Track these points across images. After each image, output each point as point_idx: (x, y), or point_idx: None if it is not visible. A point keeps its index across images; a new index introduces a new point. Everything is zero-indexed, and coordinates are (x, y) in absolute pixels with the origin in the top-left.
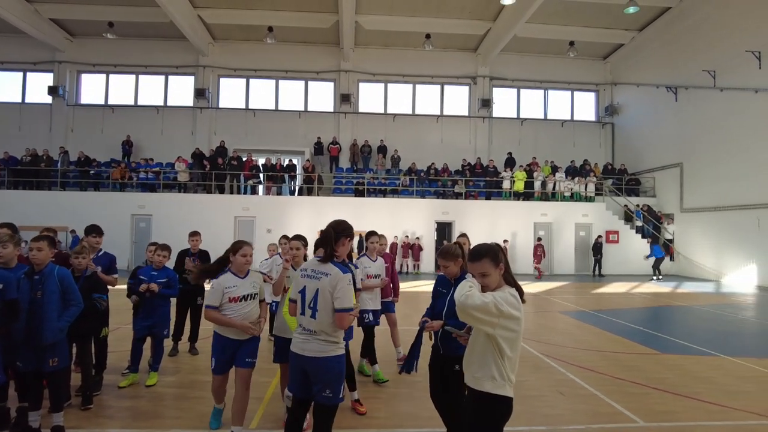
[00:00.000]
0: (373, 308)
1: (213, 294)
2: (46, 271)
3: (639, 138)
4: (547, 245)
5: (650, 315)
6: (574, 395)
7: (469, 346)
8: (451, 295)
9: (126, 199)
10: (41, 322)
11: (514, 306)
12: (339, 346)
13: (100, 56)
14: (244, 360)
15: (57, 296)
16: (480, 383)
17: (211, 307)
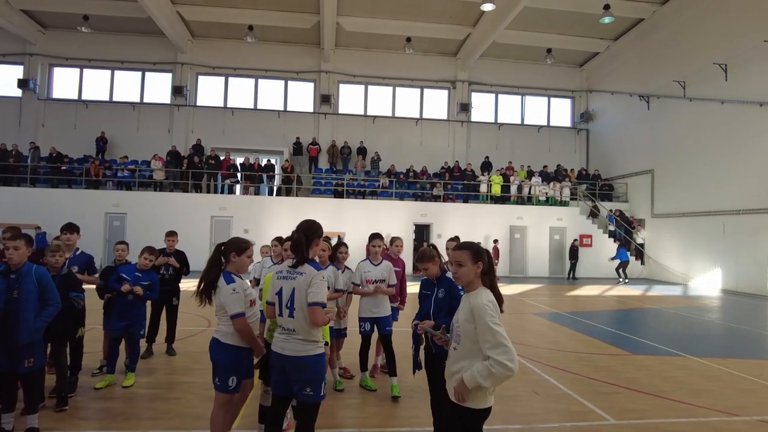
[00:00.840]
0: (371, 317)
1: (239, 299)
2: (23, 270)
3: (612, 144)
4: (522, 248)
5: (621, 317)
6: (548, 395)
7: (453, 362)
8: (435, 295)
9: (100, 197)
10: (17, 322)
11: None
12: (318, 345)
13: (74, 50)
14: (250, 372)
15: (34, 296)
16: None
17: (242, 314)
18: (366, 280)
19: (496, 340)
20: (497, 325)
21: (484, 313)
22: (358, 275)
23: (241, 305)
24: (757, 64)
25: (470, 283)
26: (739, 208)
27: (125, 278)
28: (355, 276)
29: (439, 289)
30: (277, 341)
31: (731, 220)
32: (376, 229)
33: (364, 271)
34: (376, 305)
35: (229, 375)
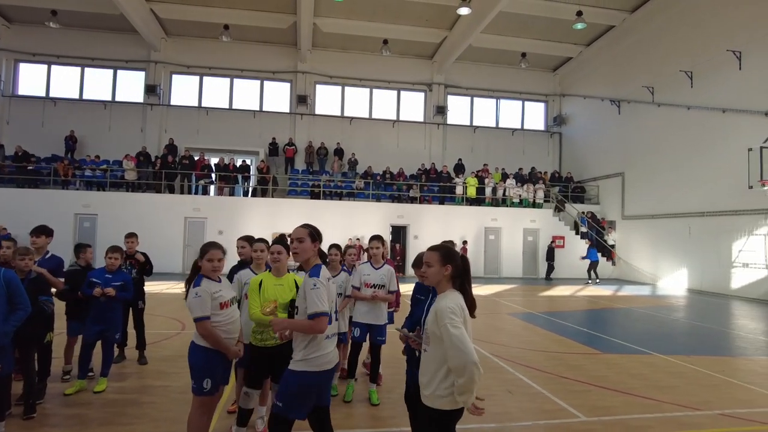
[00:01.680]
0: (365, 322)
1: (201, 303)
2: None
3: (585, 148)
4: (496, 249)
5: (592, 317)
6: (522, 393)
7: (424, 365)
8: (429, 302)
9: (69, 198)
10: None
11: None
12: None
13: (42, 45)
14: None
15: (3, 299)
16: (439, 402)
17: (205, 318)
18: (365, 283)
19: (452, 343)
20: (456, 328)
21: (444, 315)
22: (357, 278)
23: (203, 309)
24: (720, 72)
25: (439, 284)
26: (704, 211)
27: (96, 282)
28: (354, 278)
29: (434, 296)
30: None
31: (697, 222)
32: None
33: (363, 274)
34: (371, 311)
35: (203, 377)
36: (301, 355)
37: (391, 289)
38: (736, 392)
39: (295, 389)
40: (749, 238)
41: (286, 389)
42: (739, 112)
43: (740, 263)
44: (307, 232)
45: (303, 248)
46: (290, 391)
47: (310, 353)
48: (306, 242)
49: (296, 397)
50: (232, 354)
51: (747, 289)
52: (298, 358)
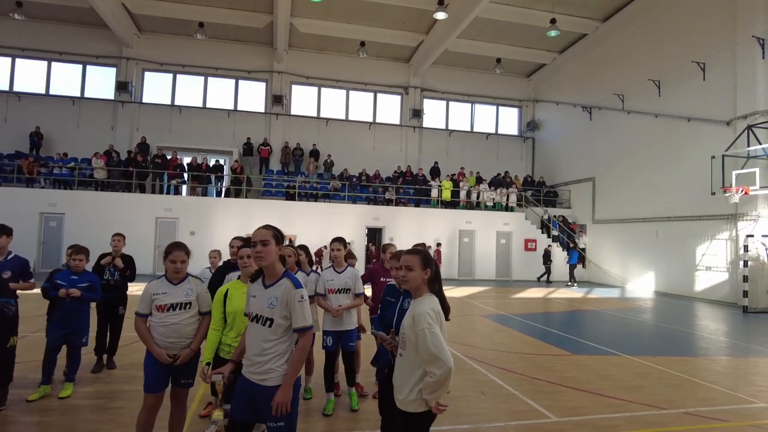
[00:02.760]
0: (334, 329)
1: (141, 300)
2: None
3: (557, 153)
4: (470, 251)
5: (563, 319)
6: (495, 395)
7: (399, 369)
8: (400, 305)
9: (34, 196)
10: None
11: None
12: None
13: (5, 38)
14: (179, 380)
15: None
16: (413, 406)
17: (140, 315)
18: (329, 289)
19: (428, 349)
20: (433, 334)
21: (422, 320)
22: (322, 284)
23: (140, 306)
24: (686, 82)
25: (417, 288)
26: (670, 216)
27: (60, 284)
28: (319, 285)
29: (405, 298)
30: None
31: (663, 227)
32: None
33: (326, 279)
34: (339, 318)
35: (144, 370)
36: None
37: (356, 292)
38: (699, 391)
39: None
40: (712, 242)
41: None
42: (703, 121)
43: (704, 266)
44: (271, 234)
45: (268, 251)
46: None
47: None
48: (271, 245)
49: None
50: (156, 356)
51: (709, 291)
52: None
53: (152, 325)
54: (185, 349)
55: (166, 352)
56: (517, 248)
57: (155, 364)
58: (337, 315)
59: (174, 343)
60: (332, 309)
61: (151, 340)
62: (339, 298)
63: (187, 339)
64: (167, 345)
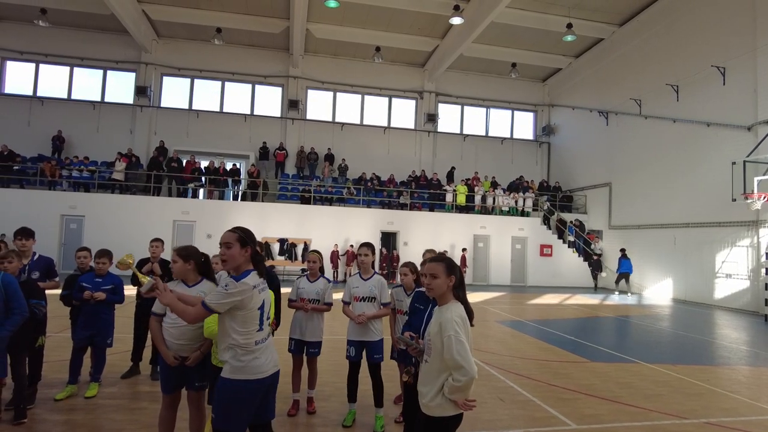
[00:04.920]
0: (358, 339)
1: (158, 301)
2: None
3: (573, 158)
4: (485, 257)
5: (579, 325)
6: (513, 401)
7: (424, 375)
8: (429, 312)
9: (55, 199)
10: None
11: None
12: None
13: (30, 44)
14: (193, 383)
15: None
16: (438, 410)
17: (155, 314)
18: (354, 297)
19: (453, 356)
20: (459, 342)
21: (449, 327)
22: (348, 292)
23: (156, 305)
24: (705, 86)
25: (442, 296)
26: (688, 222)
27: (85, 286)
28: (345, 292)
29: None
30: None
31: (681, 233)
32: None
33: (352, 286)
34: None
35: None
36: (231, 361)
37: (383, 302)
38: (720, 401)
39: (230, 397)
40: (732, 249)
41: (220, 399)
42: (723, 126)
43: (723, 274)
44: (235, 237)
45: (230, 255)
46: (224, 400)
47: (240, 358)
48: (234, 248)
49: (231, 407)
50: (164, 356)
51: (730, 299)
52: (227, 365)
53: (164, 327)
54: (196, 351)
55: (174, 354)
56: (533, 254)
57: (167, 366)
58: (360, 323)
59: (184, 345)
60: (354, 316)
61: (161, 340)
62: (363, 307)
63: (198, 342)
64: (178, 347)
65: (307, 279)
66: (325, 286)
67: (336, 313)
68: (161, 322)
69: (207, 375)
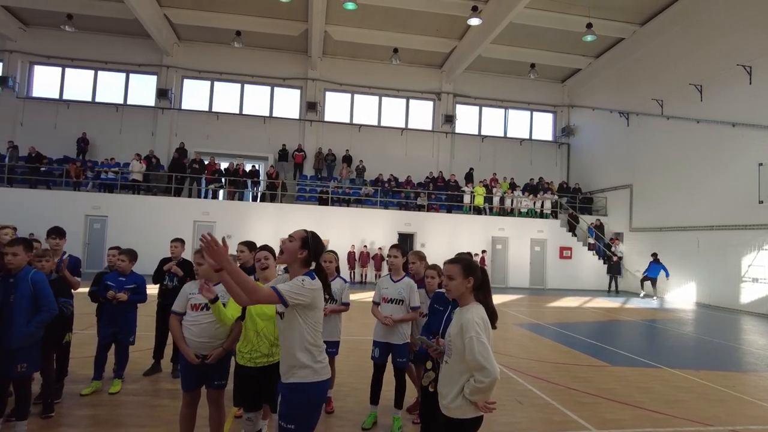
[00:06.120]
0: (383, 341)
1: (178, 299)
2: (21, 275)
3: (593, 159)
4: (503, 259)
5: (599, 329)
6: (531, 404)
7: (445, 376)
8: (448, 313)
9: (80, 199)
10: (9, 327)
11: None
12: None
13: (56, 49)
14: (212, 382)
15: (28, 301)
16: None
17: (175, 313)
18: (383, 298)
19: (475, 358)
20: (481, 343)
21: (470, 328)
22: (378, 293)
23: (177, 304)
24: (730, 86)
25: (461, 297)
26: (713, 224)
27: (110, 285)
28: (375, 293)
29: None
30: None
31: (705, 236)
32: (360, 237)
33: (382, 287)
34: (388, 329)
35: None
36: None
37: (412, 305)
38: (746, 408)
39: (314, 403)
40: (759, 252)
41: (299, 405)
42: (749, 126)
43: (749, 278)
44: (300, 235)
45: (287, 247)
46: (307, 406)
47: (318, 359)
48: (294, 243)
49: (314, 413)
50: (184, 354)
51: (756, 304)
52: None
53: (185, 325)
54: (216, 349)
55: (195, 352)
56: (552, 256)
57: (187, 364)
58: (388, 324)
59: (205, 343)
60: (382, 317)
61: (182, 339)
62: (390, 309)
63: (219, 340)
64: (198, 345)
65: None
66: (341, 286)
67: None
68: (181, 320)
69: (226, 373)
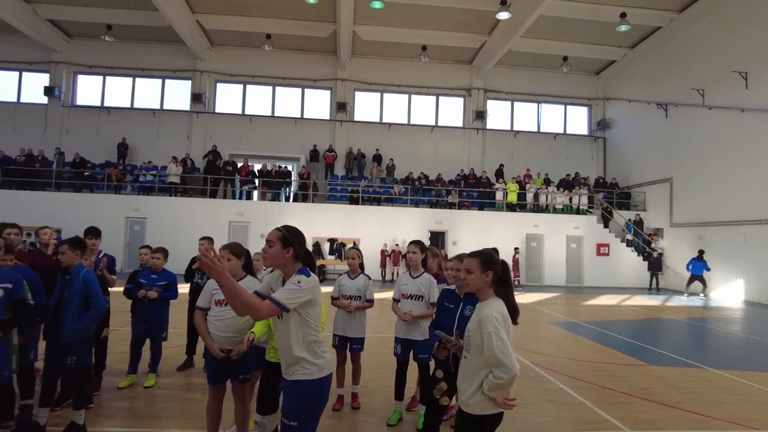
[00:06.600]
0: (404, 338)
1: (202, 295)
2: (74, 273)
3: (630, 152)
4: (538, 256)
5: (638, 327)
6: (562, 403)
7: (464, 372)
8: (461, 312)
9: (120, 202)
10: (62, 321)
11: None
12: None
13: (97, 58)
14: (237, 376)
15: (78, 298)
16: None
17: (200, 308)
18: (402, 294)
19: (494, 353)
20: (500, 338)
21: (489, 323)
22: (397, 289)
23: (201, 300)
24: None
25: (480, 291)
26: (762, 218)
27: (142, 282)
28: (395, 290)
29: (466, 305)
30: None
31: (753, 230)
32: (392, 236)
33: (401, 284)
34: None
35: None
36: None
37: (431, 301)
38: None
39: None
40: None
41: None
42: None
43: None
44: (278, 236)
45: (270, 253)
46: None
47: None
48: (275, 247)
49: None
50: (210, 349)
51: None
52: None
53: (209, 320)
54: (240, 344)
55: (219, 347)
56: (589, 253)
57: (212, 358)
58: (406, 321)
59: (229, 338)
60: (401, 313)
61: (207, 334)
62: (410, 305)
63: (242, 335)
64: (222, 340)
65: (348, 276)
66: (365, 283)
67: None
68: (206, 315)
69: (250, 368)
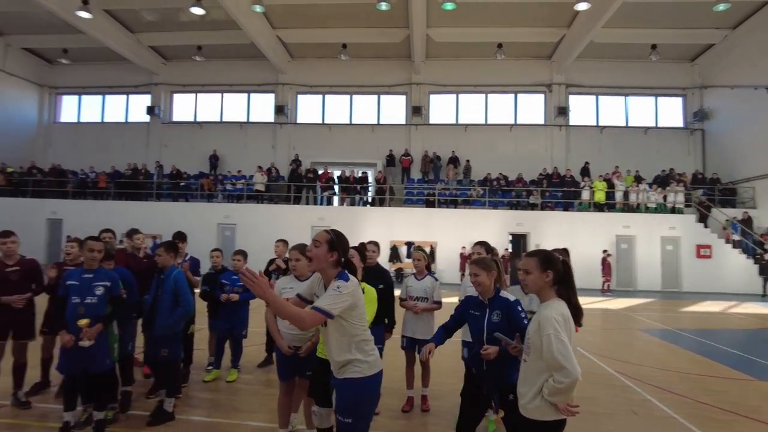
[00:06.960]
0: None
1: None
2: (167, 273)
3: (734, 144)
4: (630, 259)
5: (747, 337)
6: (648, 416)
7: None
8: (488, 319)
9: (212, 209)
10: (156, 317)
11: (561, 326)
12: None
13: (190, 77)
14: (305, 372)
15: (169, 296)
16: (537, 413)
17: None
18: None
19: (553, 356)
20: (560, 341)
21: (549, 325)
22: (403, 290)
23: None
24: None
25: (541, 291)
26: None
27: (224, 283)
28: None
29: (492, 311)
30: None
31: None
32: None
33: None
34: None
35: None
36: (364, 357)
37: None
38: None
39: (372, 396)
40: None
41: (361, 401)
42: None
43: None
44: (326, 238)
45: (315, 253)
46: (367, 401)
47: (371, 352)
48: (321, 248)
49: (372, 406)
50: (279, 346)
51: None
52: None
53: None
54: (308, 342)
55: (288, 344)
56: (688, 255)
57: (282, 355)
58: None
59: (297, 335)
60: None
61: (277, 331)
62: None
63: (310, 332)
64: (291, 337)
65: (415, 277)
66: (432, 284)
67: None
68: None
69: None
